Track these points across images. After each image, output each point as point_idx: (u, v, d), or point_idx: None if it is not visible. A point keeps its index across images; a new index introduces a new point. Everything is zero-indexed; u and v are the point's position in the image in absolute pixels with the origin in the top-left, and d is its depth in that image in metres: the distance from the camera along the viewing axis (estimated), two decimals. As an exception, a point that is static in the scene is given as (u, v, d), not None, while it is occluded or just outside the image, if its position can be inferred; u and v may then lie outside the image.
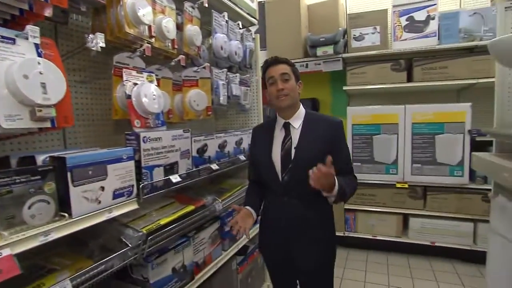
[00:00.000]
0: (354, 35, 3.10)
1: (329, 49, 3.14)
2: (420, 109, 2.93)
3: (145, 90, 1.35)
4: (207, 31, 1.96)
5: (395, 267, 3.01)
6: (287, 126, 1.56)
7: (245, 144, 2.13)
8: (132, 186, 1.27)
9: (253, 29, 3.47)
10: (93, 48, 1.15)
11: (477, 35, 2.76)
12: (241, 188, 2.16)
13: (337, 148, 1.49)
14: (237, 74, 2.07)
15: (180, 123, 1.80)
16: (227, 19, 1.91)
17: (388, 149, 3.05)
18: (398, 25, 2.95)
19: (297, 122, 1.55)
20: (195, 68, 1.72)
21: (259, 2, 3.37)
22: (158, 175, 1.39)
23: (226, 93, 1.91)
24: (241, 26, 2.07)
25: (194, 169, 1.61)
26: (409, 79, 3.00)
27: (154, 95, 1.38)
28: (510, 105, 1.66)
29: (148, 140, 1.34)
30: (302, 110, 1.58)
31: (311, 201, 1.51)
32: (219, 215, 1.90)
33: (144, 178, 1.33)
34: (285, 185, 1.51)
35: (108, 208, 1.16)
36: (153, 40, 1.41)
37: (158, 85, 1.58)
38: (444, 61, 2.83)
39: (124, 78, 1.33)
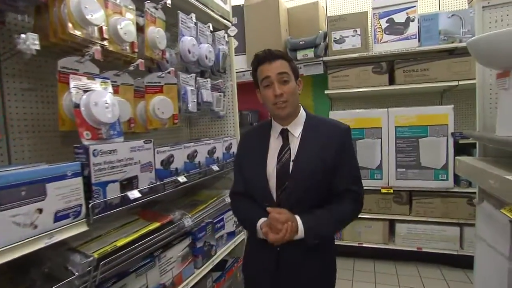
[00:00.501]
0: (335, 38, 3.01)
1: (310, 52, 3.04)
2: (403, 112, 2.84)
3: (96, 98, 1.21)
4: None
5: (383, 275, 2.90)
6: (285, 134, 1.33)
7: (219, 153, 1.99)
8: (80, 205, 1.12)
9: (232, 33, 3.36)
10: (26, 51, 1.01)
11: (456, 37, 2.69)
12: (217, 199, 2.02)
13: (343, 161, 1.26)
14: (208, 79, 1.94)
15: (145, 133, 1.65)
16: (195, 20, 1.78)
17: (372, 154, 2.95)
18: (379, 28, 2.87)
19: (297, 129, 1.32)
20: (159, 73, 1.59)
21: (238, 6, 3.28)
22: (113, 192, 1.24)
23: (195, 100, 1.78)
24: (212, 29, 1.94)
25: (157, 183, 1.47)
26: (391, 81, 2.92)
27: (107, 103, 1.24)
28: (492, 107, 1.57)
29: (100, 153, 1.19)
30: (302, 114, 1.34)
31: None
32: (190, 230, 1.75)
33: (95, 196, 1.18)
34: (282, 205, 1.25)
35: (48, 233, 1.01)
36: (105, 42, 1.28)
37: (116, 92, 1.45)
38: (425, 63, 2.75)
39: (71, 85, 1.18)
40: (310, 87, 3.64)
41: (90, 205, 1.14)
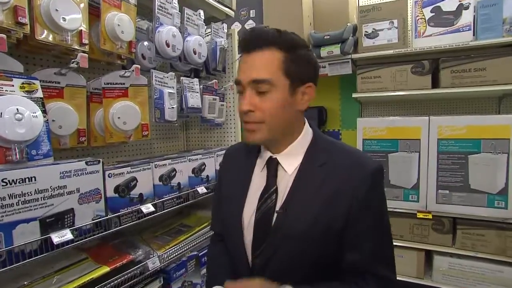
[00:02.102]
0: (366, 31, 2.46)
1: (335, 49, 2.52)
2: (449, 121, 2.23)
3: (0, 107, 0.84)
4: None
5: (415, 316, 2.33)
6: (272, 167, 0.87)
7: (210, 171, 1.57)
8: (-38, 260, 0.76)
9: (249, 27, 2.92)
10: None
11: (527, 27, 2.04)
12: (207, 226, 1.61)
13: (365, 226, 0.78)
14: (195, 80, 1.52)
15: (103, 146, 1.28)
16: (176, 4, 1.36)
17: (407, 171, 2.37)
18: (421, 18, 2.28)
19: (291, 162, 0.85)
20: (121, 72, 1.19)
21: (256, -4, 2.84)
22: (26, 235, 0.87)
23: (174, 105, 1.37)
24: (202, 16, 1.52)
25: (108, 216, 1.08)
26: (435, 84, 2.32)
27: (18, 113, 0.86)
28: None
29: (1, 184, 0.82)
30: (304, 139, 0.86)
31: None
32: (164, 268, 1.36)
33: (-7, 243, 0.82)
34: (257, 274, 0.82)
35: None
36: (24, 29, 0.90)
37: (60, 97, 1.08)
38: (481, 61, 2.12)
39: (-34, 88, 0.82)
40: (337, 89, 3.11)
41: (-22, 260, 0.78)
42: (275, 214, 0.82)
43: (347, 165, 0.80)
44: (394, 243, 2.32)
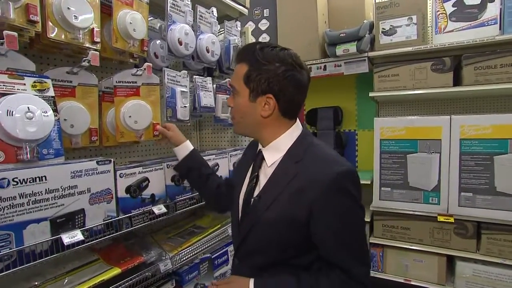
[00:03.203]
0: (384, 28, 2.37)
1: (351, 47, 2.44)
2: (472, 120, 2.12)
3: (9, 105, 0.82)
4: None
5: (436, 324, 2.23)
6: (259, 158, 1.00)
7: (223, 171, 1.53)
8: (-30, 260, 0.75)
9: (263, 26, 2.89)
10: None
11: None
12: (221, 227, 1.57)
13: (324, 225, 0.85)
14: (208, 78, 1.49)
15: (116, 146, 1.26)
16: (188, 1, 1.34)
17: (427, 172, 2.27)
18: (442, 13, 2.18)
19: (271, 156, 0.95)
20: (133, 70, 1.17)
21: (270, -5, 2.79)
22: (36, 236, 0.86)
23: (187, 104, 1.34)
24: (215, 13, 1.49)
25: (120, 217, 1.06)
26: (457, 82, 2.21)
27: (29, 112, 0.85)
28: None
29: (12, 183, 0.81)
30: (287, 138, 0.95)
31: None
32: (176, 270, 1.33)
33: (1, 244, 0.80)
34: (239, 240, 0.98)
35: None
36: (35, 27, 0.89)
37: (72, 96, 1.06)
38: (508, 56, 2.00)
39: (-23, 86, 0.81)
40: (353, 88, 3.02)
41: (-12, 260, 0.77)
42: (252, 200, 0.94)
43: (315, 165, 0.87)
44: (413, 247, 2.23)
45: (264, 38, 2.84)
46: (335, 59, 2.57)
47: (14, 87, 0.87)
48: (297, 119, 0.99)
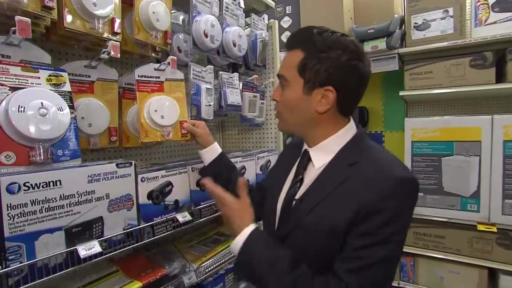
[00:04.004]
0: (416, 23, 2.20)
1: (381, 43, 2.28)
2: (517, 121, 1.93)
3: (21, 100, 0.72)
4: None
5: None
6: (304, 159, 0.88)
7: (251, 175, 1.41)
8: (-25, 277, 0.65)
9: (285, 24, 2.76)
10: None
11: None
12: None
13: (359, 234, 0.70)
14: (235, 74, 1.37)
15: (136, 147, 1.15)
16: (217, -7, 1.22)
17: (465, 177, 2.07)
18: (483, 4, 1.99)
19: (320, 158, 0.83)
20: (156, 65, 1.06)
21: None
22: (49, 248, 0.75)
23: (211, 102, 1.22)
24: (242, 5, 1.37)
25: (141, 226, 0.95)
26: (499, 78, 2.01)
27: (43, 108, 0.75)
28: None
29: (23, 188, 0.71)
30: (339, 138, 0.82)
31: None
32: (200, 283, 1.21)
33: (11, 257, 0.70)
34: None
35: None
36: (51, 14, 0.79)
37: (90, 92, 0.96)
38: (559, 50, 1.81)
39: (-13, 79, 0.72)
40: (379, 88, 2.85)
41: (-4, 276, 0.66)
42: (294, 202, 0.83)
43: (373, 169, 0.75)
44: (449, 257, 2.03)
45: (286, 36, 2.71)
46: (362, 57, 2.41)
47: (27, 80, 0.77)
48: (351, 118, 0.86)
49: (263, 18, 1.52)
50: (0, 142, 0.70)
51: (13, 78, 0.75)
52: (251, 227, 0.80)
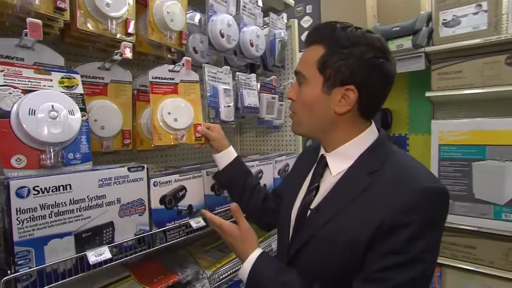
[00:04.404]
0: (444, 19, 2.07)
1: (406, 42, 2.16)
2: (559, 123, 1.76)
3: (33, 103, 0.71)
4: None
5: None
6: (320, 165, 0.81)
7: (268, 179, 1.36)
8: (-16, 282, 0.63)
9: (305, 24, 2.69)
10: None
11: None
12: (264, 240, 1.40)
13: (381, 246, 0.63)
14: (253, 75, 1.32)
15: (150, 151, 1.13)
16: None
17: (500, 183, 1.92)
18: (520, -3, 1.84)
19: (337, 164, 0.76)
20: (170, 66, 1.03)
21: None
22: (58, 253, 0.73)
23: (230, 104, 1.18)
24: (259, 3, 1.32)
25: (153, 231, 0.92)
26: (539, 78, 1.85)
27: (53, 110, 0.73)
28: None
29: (33, 192, 0.69)
30: (360, 142, 0.75)
31: None
32: (214, 289, 1.16)
33: (20, 262, 0.68)
34: (287, 259, 0.79)
35: None
36: (63, 15, 0.77)
37: (104, 94, 0.94)
38: None
39: (-1, 82, 0.71)
40: (404, 88, 2.71)
41: (3, 281, 0.65)
42: (309, 211, 0.77)
43: (395, 177, 0.67)
44: (480, 270, 1.89)
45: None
46: (386, 56, 2.30)
47: (40, 83, 0.75)
48: (373, 121, 0.79)
49: (282, 17, 1.47)
50: (11, 146, 0.69)
51: (25, 81, 0.73)
52: (256, 253, 0.77)
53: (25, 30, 0.71)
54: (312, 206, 0.77)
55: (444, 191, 0.66)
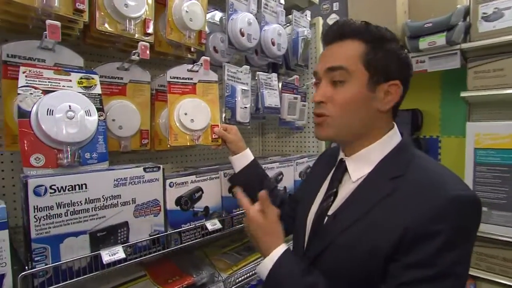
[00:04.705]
0: (484, 13, 1.91)
1: (439, 39, 2.01)
2: None
3: (52, 103, 0.72)
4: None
5: None
6: (339, 169, 0.76)
7: (288, 181, 1.31)
8: (1, 276, 0.64)
9: (332, 22, 2.61)
10: None
11: None
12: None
13: (407, 257, 0.57)
14: (273, 75, 1.28)
15: (169, 150, 1.12)
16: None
17: (544, 191, 1.75)
18: None
19: (358, 168, 0.72)
20: (189, 66, 1.02)
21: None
22: (74, 251, 0.74)
23: (247, 104, 1.15)
24: (281, 1, 1.28)
25: (168, 232, 0.91)
26: None
27: (70, 111, 0.73)
28: None
29: (50, 191, 0.70)
30: (383, 145, 0.71)
31: None
32: (231, 292, 1.14)
33: (37, 259, 0.69)
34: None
35: None
36: (82, 17, 0.78)
37: (123, 94, 0.95)
38: None
39: (20, 82, 0.72)
40: (437, 88, 2.55)
41: (20, 276, 0.66)
42: (326, 218, 0.72)
43: (421, 183, 0.62)
44: (508, 283, 1.72)
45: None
46: (417, 54, 2.16)
47: (59, 83, 0.76)
48: (395, 124, 0.74)
49: (306, 15, 1.41)
50: (31, 145, 0.70)
51: (46, 82, 0.75)
52: (280, 249, 0.71)
53: (45, 32, 0.72)
54: (330, 212, 0.72)
55: (475, 199, 0.59)
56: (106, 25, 0.83)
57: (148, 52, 0.85)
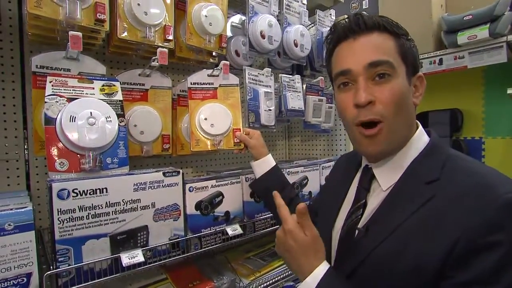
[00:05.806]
0: (533, 2, 1.71)
1: (481, 32, 1.84)
2: None
3: (74, 110, 0.73)
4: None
5: None
6: (366, 177, 0.69)
7: (314, 186, 1.25)
8: (28, 275, 0.67)
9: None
10: None
11: None
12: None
13: (465, 273, 0.49)
14: (297, 77, 1.23)
15: (191, 155, 1.12)
16: (275, -10, 1.12)
17: None
18: None
19: (388, 174, 0.64)
20: (209, 71, 1.01)
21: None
22: (95, 253, 0.75)
23: (271, 107, 1.11)
24: (304, 1, 1.23)
25: (187, 237, 0.89)
26: None
27: (91, 117, 0.75)
28: None
29: (72, 195, 0.71)
30: (411, 147, 0.63)
31: None
32: (253, 299, 1.11)
33: (61, 259, 0.71)
34: None
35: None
36: (103, 27, 0.79)
37: (144, 100, 0.96)
38: None
39: (47, 91, 0.74)
40: (479, 85, 2.33)
41: (45, 275, 0.68)
42: (356, 232, 0.65)
43: (466, 186, 0.54)
44: None
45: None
46: (455, 50, 1.99)
47: (83, 91, 0.78)
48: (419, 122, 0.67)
49: (330, 14, 1.35)
50: (56, 150, 0.73)
51: (70, 90, 0.77)
52: (323, 267, 0.61)
53: (69, 43, 0.74)
54: (360, 225, 0.65)
55: None
56: (127, 33, 0.84)
57: (166, 58, 0.85)
